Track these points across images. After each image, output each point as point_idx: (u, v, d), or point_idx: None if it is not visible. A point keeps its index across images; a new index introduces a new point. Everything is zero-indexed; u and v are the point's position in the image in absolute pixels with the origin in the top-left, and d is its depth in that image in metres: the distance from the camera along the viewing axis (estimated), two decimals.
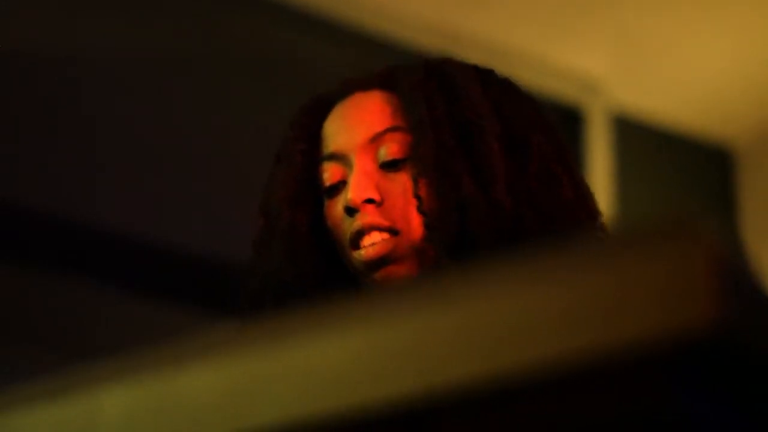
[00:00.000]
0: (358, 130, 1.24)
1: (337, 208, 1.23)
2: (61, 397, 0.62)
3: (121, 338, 2.58)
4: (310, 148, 1.28)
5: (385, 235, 1.19)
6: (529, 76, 3.28)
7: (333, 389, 0.52)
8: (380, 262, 1.19)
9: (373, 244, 1.19)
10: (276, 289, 1.24)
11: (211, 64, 2.88)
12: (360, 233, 1.20)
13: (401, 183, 1.21)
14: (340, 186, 1.24)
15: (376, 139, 1.23)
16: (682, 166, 3.55)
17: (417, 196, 1.19)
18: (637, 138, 3.47)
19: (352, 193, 1.20)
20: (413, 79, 1.25)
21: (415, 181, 1.20)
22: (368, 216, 1.20)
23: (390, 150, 1.22)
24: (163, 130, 2.79)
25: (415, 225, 1.19)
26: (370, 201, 1.20)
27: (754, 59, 3.30)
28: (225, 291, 1.30)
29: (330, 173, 1.25)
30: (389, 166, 1.22)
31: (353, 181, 1.21)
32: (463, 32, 3.08)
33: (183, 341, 0.58)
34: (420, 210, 1.19)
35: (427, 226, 1.18)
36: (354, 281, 1.24)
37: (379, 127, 1.23)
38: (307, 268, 1.24)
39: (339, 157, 1.25)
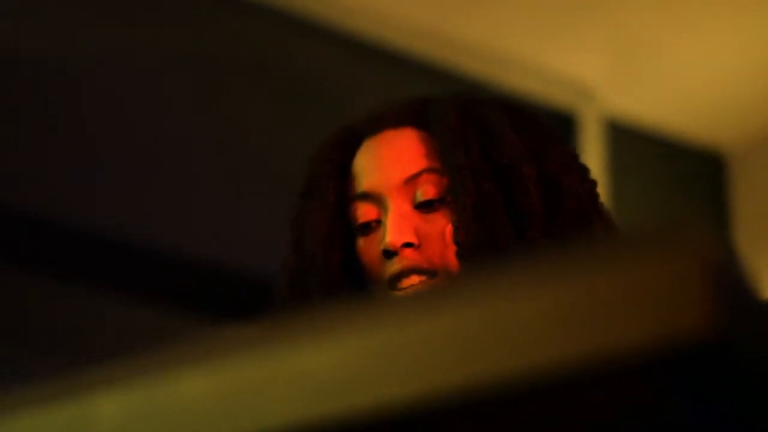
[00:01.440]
0: (392, 170, 1.24)
1: (372, 247, 1.24)
2: (57, 401, 0.62)
3: (117, 342, 2.58)
4: (341, 185, 1.27)
5: (424, 278, 1.19)
6: (522, 82, 3.29)
7: (331, 393, 0.52)
8: None
9: (412, 286, 1.19)
10: None
11: (210, 67, 2.88)
12: (399, 276, 1.20)
13: (438, 224, 1.22)
14: (373, 225, 1.24)
15: (411, 180, 1.23)
16: (675, 172, 3.56)
17: (457, 242, 1.19)
18: (631, 143, 3.47)
19: (391, 237, 1.20)
20: (448, 121, 1.25)
21: (456, 228, 1.19)
22: (406, 260, 1.20)
23: (426, 191, 1.22)
24: (163, 134, 2.79)
25: (453, 267, 1.20)
26: (408, 245, 1.20)
27: (747, 65, 3.31)
28: (223, 295, 1.29)
29: (363, 212, 1.25)
30: (425, 207, 1.22)
31: (391, 224, 1.21)
32: (457, 37, 3.08)
33: (180, 345, 0.58)
34: (459, 256, 1.19)
35: (464, 269, 1.19)
36: None
37: (414, 169, 1.23)
38: None
39: (373, 197, 1.24)
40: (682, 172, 3.57)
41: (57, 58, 2.70)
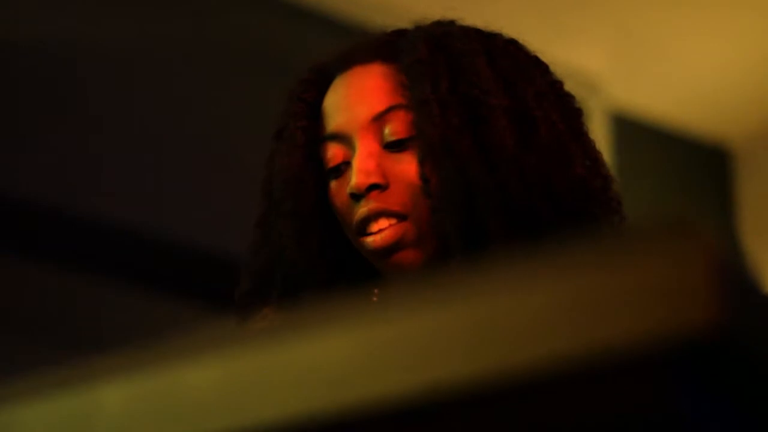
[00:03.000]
0: (359, 109, 1.19)
1: (341, 191, 1.19)
2: (60, 391, 0.62)
3: (121, 332, 2.58)
4: (311, 125, 1.22)
5: (393, 221, 1.15)
6: None
7: (334, 386, 0.52)
8: (390, 249, 1.15)
9: (380, 230, 1.15)
10: (284, 268, 1.20)
11: (214, 57, 2.88)
12: (367, 220, 1.16)
13: (407, 164, 1.16)
14: (342, 167, 1.19)
15: (378, 119, 1.18)
16: (680, 165, 3.55)
17: (423, 178, 1.14)
18: (636, 136, 3.47)
19: (357, 179, 1.15)
20: (416, 54, 1.20)
21: (421, 164, 1.15)
22: (374, 202, 1.15)
23: (394, 130, 1.17)
24: (166, 124, 2.79)
25: (422, 209, 1.15)
26: (375, 186, 1.16)
27: (752, 58, 3.30)
28: (227, 285, 1.28)
29: (332, 154, 1.20)
30: (393, 147, 1.17)
31: (357, 165, 1.16)
32: None
33: (183, 336, 0.58)
34: (426, 193, 1.14)
35: (434, 209, 1.14)
36: (362, 260, 1.21)
37: (381, 106, 1.18)
38: (313, 248, 1.20)
39: (341, 137, 1.19)
40: (687, 166, 3.56)
41: (60, 48, 2.70)
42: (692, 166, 3.57)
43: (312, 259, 1.20)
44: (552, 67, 1.30)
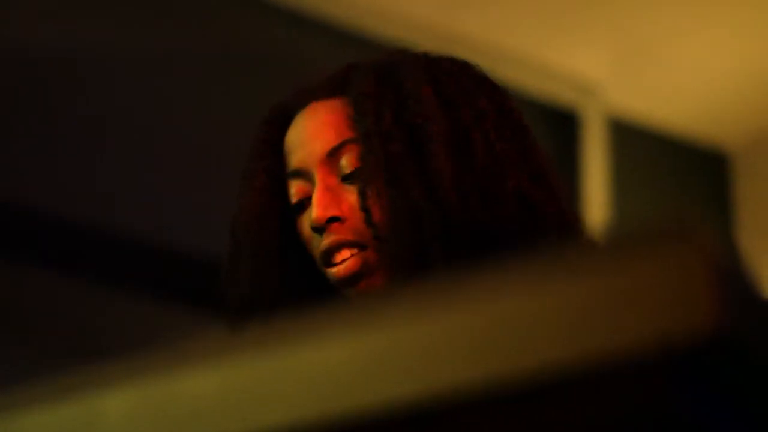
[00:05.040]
0: (315, 145, 1.22)
1: (306, 225, 1.22)
2: (62, 399, 0.62)
3: (123, 340, 2.58)
4: (273, 164, 1.26)
5: (354, 251, 1.18)
6: (525, 79, 3.29)
7: (334, 392, 0.52)
8: (354, 278, 1.18)
9: (343, 260, 1.18)
10: (255, 304, 1.23)
11: (214, 62, 2.88)
12: (329, 252, 1.19)
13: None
14: (305, 203, 1.23)
15: (333, 154, 1.21)
16: (677, 170, 3.56)
17: (364, 209, 1.17)
18: (633, 141, 3.47)
19: (315, 213, 1.19)
20: (363, 88, 1.22)
21: (362, 194, 1.18)
22: (334, 234, 1.18)
23: (348, 162, 1.20)
24: (167, 129, 2.79)
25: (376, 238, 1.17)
26: (334, 219, 1.19)
27: (750, 63, 3.31)
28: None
29: (295, 190, 1.23)
30: (349, 179, 1.20)
31: (316, 199, 1.20)
32: (459, 34, 3.09)
33: (185, 343, 0.58)
34: (368, 223, 1.17)
35: (377, 238, 1.17)
36: (334, 293, 1.23)
37: (335, 141, 1.21)
38: (273, 288, 1.23)
39: (302, 174, 1.23)
40: (685, 170, 3.57)
41: (59, 52, 2.70)
42: (690, 170, 3.57)
43: (269, 299, 1.22)
44: (551, 72, 1.31)
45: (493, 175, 1.18)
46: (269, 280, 1.23)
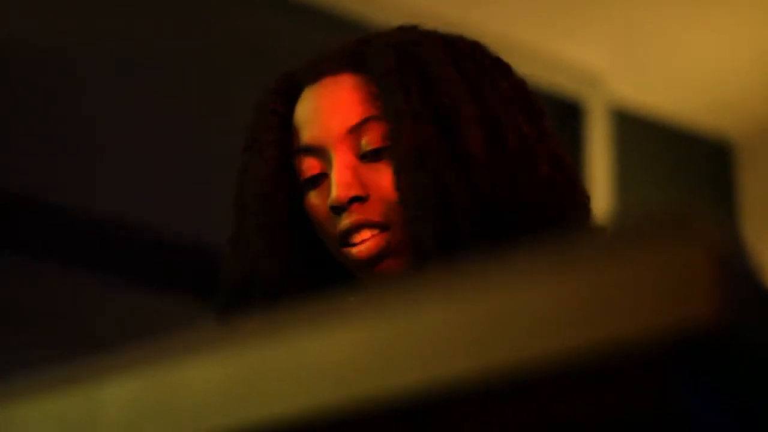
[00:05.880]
0: (334, 121, 1.19)
1: (320, 202, 1.20)
2: (61, 389, 0.62)
3: (122, 330, 2.58)
4: (282, 137, 1.23)
5: (375, 231, 1.16)
6: (528, 69, 3.27)
7: (337, 383, 0.52)
8: (374, 259, 1.16)
9: (363, 241, 1.16)
10: (258, 283, 1.20)
11: (213, 53, 2.88)
12: (349, 232, 1.16)
13: (384, 174, 1.17)
14: (320, 179, 1.20)
15: (354, 131, 1.18)
16: (682, 160, 3.55)
17: (398, 188, 1.16)
18: (637, 132, 3.47)
19: (337, 193, 1.16)
20: (386, 65, 1.20)
21: (396, 175, 1.16)
22: (356, 214, 1.16)
23: (370, 140, 1.18)
24: (167, 120, 2.79)
25: (402, 217, 1.16)
26: (356, 199, 1.16)
27: (754, 53, 3.30)
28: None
29: (307, 166, 1.20)
30: (370, 157, 1.18)
31: (337, 178, 1.17)
32: (462, 24, 3.08)
33: (185, 333, 0.58)
34: (401, 201, 1.15)
35: (409, 219, 1.15)
36: (340, 270, 1.21)
37: (356, 118, 1.19)
38: (288, 261, 1.20)
39: (316, 150, 1.20)
40: (689, 161, 3.56)
41: (58, 45, 2.70)
42: (694, 161, 3.57)
43: (285, 271, 1.20)
44: (554, 62, 1.32)
45: (524, 160, 1.18)
46: (282, 255, 1.21)
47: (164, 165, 2.77)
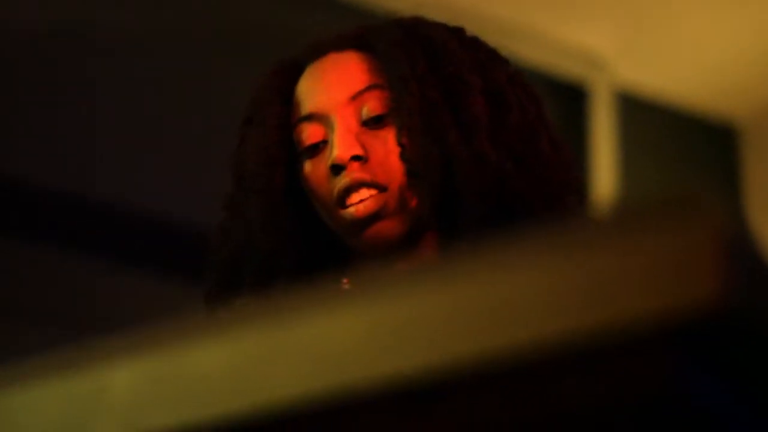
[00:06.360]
0: (337, 88, 1.23)
1: (319, 167, 1.22)
2: (68, 372, 0.62)
3: (128, 314, 2.58)
4: (283, 111, 1.26)
5: (373, 191, 1.19)
6: (533, 53, 3.28)
7: (342, 365, 0.52)
8: (370, 219, 1.18)
9: (361, 200, 1.18)
10: (255, 252, 1.23)
11: (215, 41, 2.88)
12: (348, 190, 1.19)
13: (385, 139, 1.20)
14: (321, 146, 1.23)
15: (356, 98, 1.22)
16: (686, 144, 3.55)
17: (401, 144, 1.19)
18: (642, 115, 3.46)
19: (339, 150, 1.19)
20: (391, 38, 1.24)
21: (400, 131, 1.19)
22: (355, 173, 1.19)
23: (372, 107, 1.21)
24: (168, 108, 2.78)
25: (401, 179, 1.19)
26: (356, 158, 1.19)
27: (759, 37, 3.29)
28: None
29: (309, 133, 1.23)
30: (372, 123, 1.21)
31: (338, 138, 1.20)
32: (466, 8, 3.07)
33: (190, 317, 0.58)
34: (403, 158, 1.18)
35: (411, 173, 1.18)
36: (333, 243, 1.24)
37: (359, 86, 1.22)
38: (285, 229, 1.23)
39: (318, 117, 1.23)
40: (694, 144, 3.56)
41: (58, 34, 2.70)
42: (699, 144, 3.56)
43: (282, 238, 1.23)
44: (559, 45, 1.38)
45: (526, 134, 1.22)
46: (280, 223, 1.23)
47: (169, 153, 2.77)
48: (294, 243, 1.23)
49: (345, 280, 0.63)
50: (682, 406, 0.48)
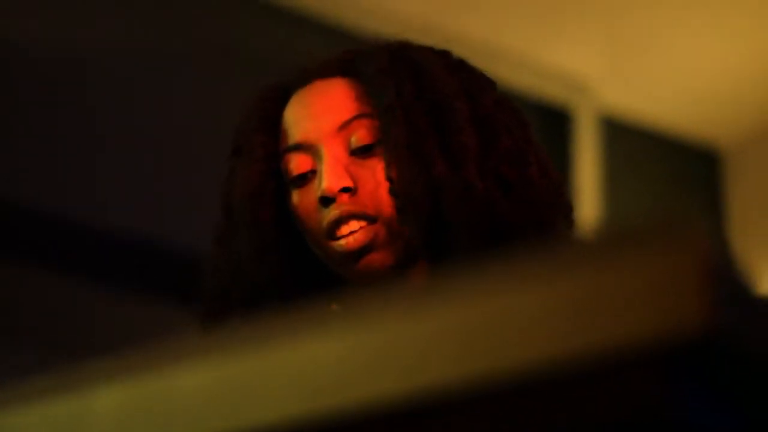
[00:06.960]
0: (324, 118, 1.21)
1: (308, 198, 1.21)
2: (52, 395, 0.62)
3: (113, 337, 2.57)
4: (270, 140, 1.24)
5: (363, 223, 1.17)
6: (517, 77, 3.29)
7: (325, 389, 0.52)
8: (362, 251, 1.17)
9: (351, 233, 1.17)
10: (244, 285, 1.22)
11: (214, 61, 2.88)
12: (337, 222, 1.17)
13: (373, 169, 1.19)
14: (309, 176, 1.21)
15: (344, 127, 1.20)
16: (669, 168, 3.56)
17: (389, 179, 1.17)
18: (625, 139, 3.48)
19: (327, 182, 1.17)
20: (378, 65, 1.23)
21: (388, 164, 1.17)
22: (345, 205, 1.17)
23: (360, 137, 1.20)
24: (167, 129, 2.78)
25: (390, 210, 1.18)
26: (345, 189, 1.18)
27: (742, 61, 3.31)
28: None
29: (297, 163, 1.22)
30: (361, 153, 1.20)
31: (327, 170, 1.18)
32: (452, 32, 3.09)
33: (174, 340, 0.58)
34: (392, 192, 1.17)
35: (400, 208, 1.17)
36: (323, 272, 1.23)
37: (347, 115, 1.21)
38: (274, 262, 1.21)
39: (306, 147, 1.21)
40: (678, 169, 3.57)
41: (59, 51, 2.70)
42: (682, 168, 3.58)
43: (270, 271, 1.22)
44: (543, 70, 1.36)
45: (515, 160, 1.20)
46: (269, 256, 1.22)
47: (166, 174, 2.76)
48: (282, 274, 1.22)
49: (333, 306, 0.63)
50: (669, 428, 0.48)
